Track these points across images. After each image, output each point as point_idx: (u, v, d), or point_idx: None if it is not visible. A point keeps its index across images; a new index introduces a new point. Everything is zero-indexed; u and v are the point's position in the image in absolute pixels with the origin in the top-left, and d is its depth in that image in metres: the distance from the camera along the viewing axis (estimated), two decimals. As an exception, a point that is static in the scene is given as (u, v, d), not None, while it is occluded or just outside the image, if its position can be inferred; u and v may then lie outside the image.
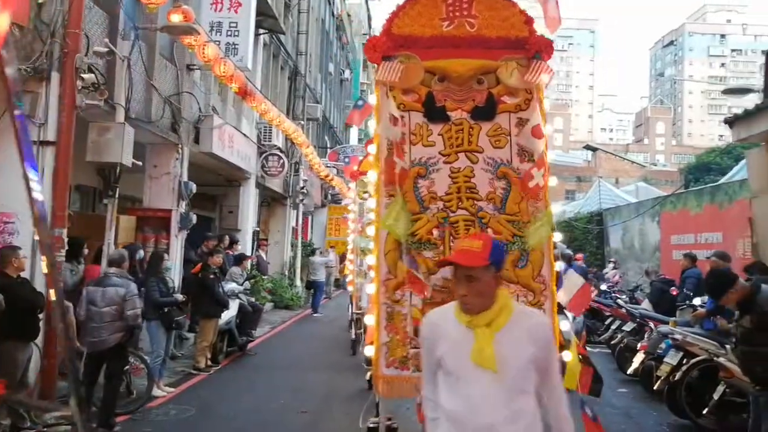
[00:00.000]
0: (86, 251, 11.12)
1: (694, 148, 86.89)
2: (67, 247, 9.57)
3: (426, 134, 5.13)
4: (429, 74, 5.15)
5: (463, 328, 3.33)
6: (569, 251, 13.00)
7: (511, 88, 5.09)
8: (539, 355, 3.27)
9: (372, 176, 5.31)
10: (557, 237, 5.08)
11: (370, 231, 5.25)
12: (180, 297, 11.01)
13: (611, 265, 23.16)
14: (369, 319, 5.17)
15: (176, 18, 10.76)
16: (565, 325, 4.81)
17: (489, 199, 4.97)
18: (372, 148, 5.43)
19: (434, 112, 5.13)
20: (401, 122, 5.10)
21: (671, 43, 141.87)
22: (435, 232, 4.98)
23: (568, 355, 4.70)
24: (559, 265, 4.90)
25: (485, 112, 5.07)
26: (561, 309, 6.64)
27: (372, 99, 5.36)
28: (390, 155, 5.05)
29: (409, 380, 4.77)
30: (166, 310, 10.50)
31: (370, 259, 5.30)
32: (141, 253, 11.36)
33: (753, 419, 6.61)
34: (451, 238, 4.94)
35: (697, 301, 11.81)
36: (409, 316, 4.89)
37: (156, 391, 10.04)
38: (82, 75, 9.31)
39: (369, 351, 5.05)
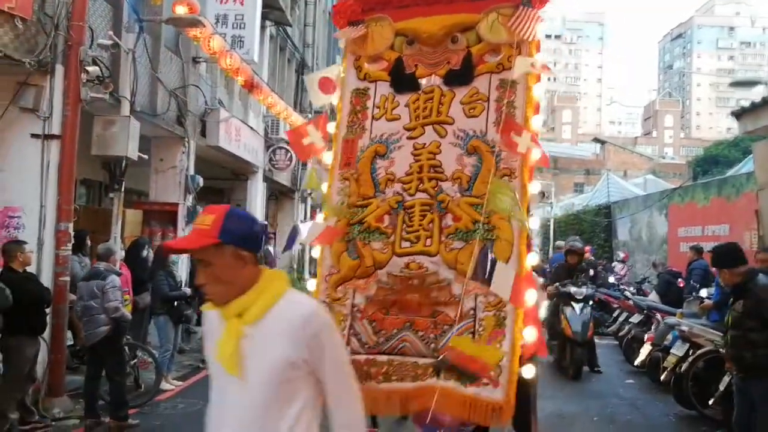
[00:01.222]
0: (89, 243, 11.12)
1: (702, 141, 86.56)
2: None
3: (391, 107, 4.53)
4: (401, 38, 4.58)
5: (219, 319, 2.69)
6: (579, 244, 12.93)
7: (493, 45, 4.37)
8: (304, 355, 2.55)
9: (327, 158, 4.76)
10: (534, 223, 4.30)
11: (318, 219, 4.69)
12: (188, 291, 11.02)
13: (619, 263, 23.07)
14: None
15: (181, 10, 10.74)
16: (532, 334, 4.03)
17: (455, 179, 4.25)
18: (331, 127, 4.82)
19: (402, 81, 4.55)
20: (360, 97, 4.61)
21: (680, 35, 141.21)
22: (387, 218, 4.34)
23: (531, 371, 3.96)
24: (533, 257, 4.14)
25: (461, 75, 4.41)
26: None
27: (333, 70, 4.87)
28: (349, 134, 4.58)
29: None
30: (175, 304, 10.51)
31: (315, 251, 4.64)
32: (149, 250, 11.35)
33: (738, 410, 6.56)
34: (405, 225, 4.28)
35: (703, 292, 11.81)
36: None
37: (164, 385, 10.06)
38: (87, 68, 9.31)
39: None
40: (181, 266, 13.27)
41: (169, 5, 11.45)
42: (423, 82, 4.51)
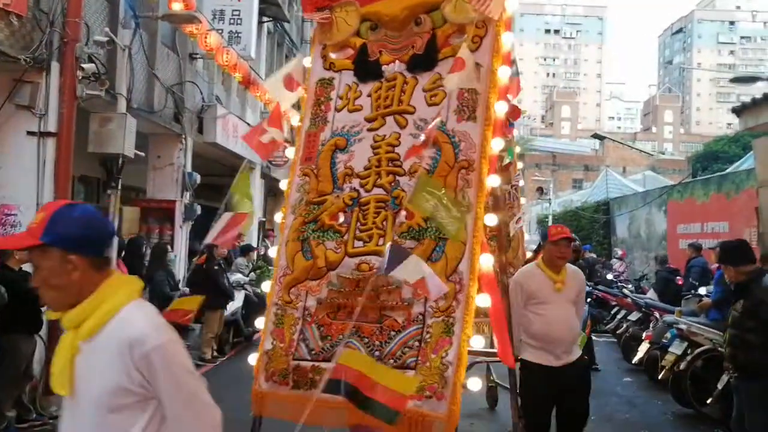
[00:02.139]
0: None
1: (702, 137, 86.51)
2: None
3: (354, 97, 4.32)
4: (366, 23, 4.37)
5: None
6: (576, 241, 12.87)
7: (459, 26, 4.10)
8: (138, 380, 2.27)
9: (289, 153, 4.63)
10: (490, 221, 3.90)
11: (277, 218, 4.53)
12: (186, 290, 11.03)
13: (617, 260, 23.06)
14: (260, 322, 4.36)
15: (177, 6, 10.71)
16: (479, 341, 3.72)
17: (412, 173, 3.95)
18: (296, 120, 4.70)
19: (366, 69, 4.33)
20: (325, 87, 4.44)
21: (680, 30, 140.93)
22: (341, 216, 4.13)
23: (477, 383, 3.69)
24: (487, 260, 3.79)
25: (424, 60, 4.16)
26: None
27: (306, 61, 4.67)
28: (312, 127, 4.43)
29: (287, 398, 3.94)
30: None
31: (273, 251, 4.50)
32: (147, 248, 11.35)
33: (737, 410, 6.52)
34: (358, 224, 4.06)
35: (702, 290, 11.78)
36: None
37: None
38: (83, 65, 9.28)
39: (252, 359, 4.22)
40: (179, 264, 13.27)
41: (165, 1, 11.40)
42: (386, 68, 4.28)
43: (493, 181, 3.91)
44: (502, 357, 3.97)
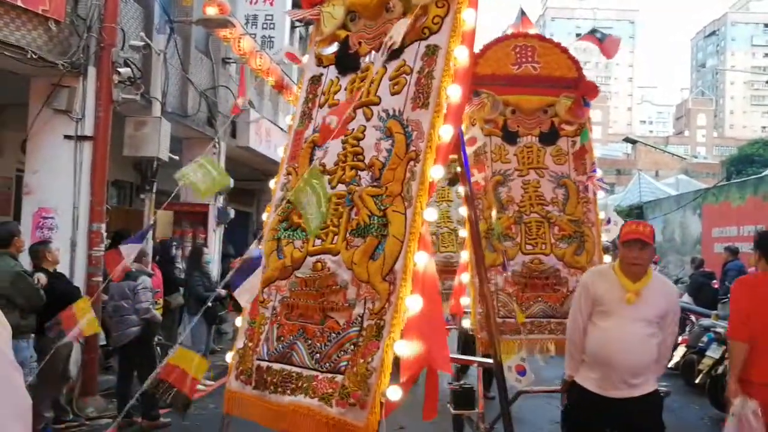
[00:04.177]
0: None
1: (735, 140, 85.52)
2: (109, 241, 9.66)
3: (334, 91, 4.23)
4: (350, 14, 4.29)
5: None
6: (607, 244, 12.76)
7: (423, 7, 3.82)
8: None
9: (280, 152, 4.60)
10: (430, 215, 3.48)
11: (264, 216, 4.53)
12: (222, 291, 11.05)
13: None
14: (239, 321, 4.32)
15: (212, 11, 10.80)
16: (406, 349, 3.23)
17: (370, 167, 3.76)
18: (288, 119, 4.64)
19: (346, 62, 4.22)
20: (314, 84, 4.39)
21: (713, 33, 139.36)
22: None
23: (396, 392, 3.21)
24: (421, 258, 3.39)
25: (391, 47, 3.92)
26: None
27: (304, 59, 4.69)
28: (299, 125, 4.39)
29: (249, 399, 3.88)
30: (210, 304, 10.53)
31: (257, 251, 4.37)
32: (178, 249, 11.40)
33: None
34: None
35: (739, 293, 11.61)
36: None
37: (195, 385, 10.07)
38: (119, 69, 9.39)
39: (229, 357, 4.22)
40: (213, 267, 13.34)
41: (199, 6, 11.50)
42: (363, 59, 4.16)
43: (436, 172, 3.56)
44: (435, 363, 3.45)
